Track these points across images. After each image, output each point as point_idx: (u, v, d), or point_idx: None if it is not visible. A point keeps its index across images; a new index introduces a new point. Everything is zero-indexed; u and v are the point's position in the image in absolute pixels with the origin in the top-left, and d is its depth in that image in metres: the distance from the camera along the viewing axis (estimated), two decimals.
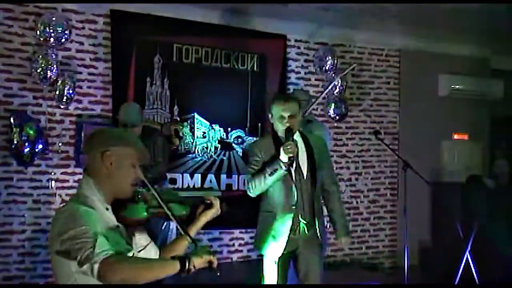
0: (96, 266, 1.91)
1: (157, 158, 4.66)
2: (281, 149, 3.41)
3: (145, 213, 2.28)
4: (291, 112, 3.51)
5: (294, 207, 3.55)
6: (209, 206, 2.52)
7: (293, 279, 3.82)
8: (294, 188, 3.55)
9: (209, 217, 2.51)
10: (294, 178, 3.56)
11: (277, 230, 3.59)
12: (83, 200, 2.14)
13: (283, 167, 3.42)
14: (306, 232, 3.60)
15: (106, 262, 1.92)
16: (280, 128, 3.53)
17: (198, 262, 2.09)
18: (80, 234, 1.97)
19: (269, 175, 3.47)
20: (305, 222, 3.58)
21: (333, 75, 6.36)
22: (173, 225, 4.39)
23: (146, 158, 2.34)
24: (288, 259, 3.65)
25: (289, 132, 3.45)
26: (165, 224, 4.67)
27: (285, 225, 3.56)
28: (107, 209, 2.19)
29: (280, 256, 3.58)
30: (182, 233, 2.37)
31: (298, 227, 3.57)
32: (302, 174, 3.58)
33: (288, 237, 3.55)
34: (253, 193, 3.68)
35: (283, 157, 3.40)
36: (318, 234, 3.62)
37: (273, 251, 3.60)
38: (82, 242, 1.96)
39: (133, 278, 1.96)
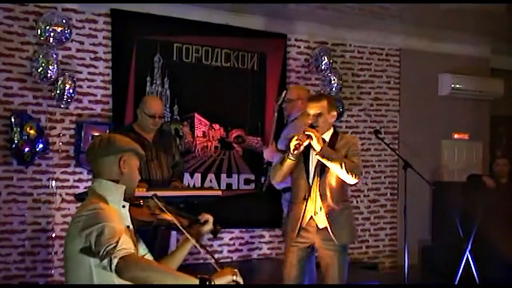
0: (115, 260, 2.07)
1: (177, 157, 4.67)
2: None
3: (148, 217, 2.48)
4: (316, 110, 3.73)
5: (304, 199, 3.72)
6: (202, 224, 2.66)
7: (313, 272, 4.03)
8: (305, 182, 3.74)
9: (200, 235, 2.66)
10: (307, 172, 3.74)
11: (291, 219, 3.81)
12: (102, 199, 2.32)
13: (291, 157, 3.64)
14: (319, 227, 3.70)
15: (126, 259, 2.08)
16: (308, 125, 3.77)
17: (221, 282, 2.21)
18: (105, 230, 2.14)
19: (280, 163, 3.75)
20: (315, 216, 3.71)
21: (329, 74, 6.37)
22: (172, 234, 4.40)
23: (143, 159, 2.59)
24: (307, 252, 3.80)
25: (310, 127, 3.67)
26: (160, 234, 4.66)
27: (296, 216, 3.76)
28: (123, 206, 2.38)
29: (299, 247, 3.76)
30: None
31: (310, 220, 3.73)
32: (315, 170, 3.72)
33: (299, 229, 3.72)
34: (272, 180, 4.03)
35: (291, 147, 3.62)
36: (330, 232, 3.66)
37: (288, 239, 3.82)
38: (106, 237, 2.12)
39: (144, 280, 2.09)
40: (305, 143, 3.60)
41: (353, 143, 3.82)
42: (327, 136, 3.80)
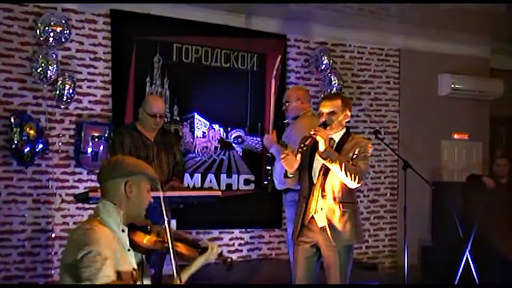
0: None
1: (178, 157, 4.67)
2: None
3: (153, 244, 2.43)
4: (329, 109, 3.74)
5: (305, 198, 3.76)
6: (205, 250, 2.61)
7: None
8: (308, 181, 3.77)
9: (203, 261, 2.59)
10: (311, 171, 3.76)
11: (295, 218, 3.86)
12: (100, 221, 2.33)
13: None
14: (320, 225, 3.71)
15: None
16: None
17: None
18: (92, 254, 2.15)
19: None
20: (316, 215, 3.72)
21: (329, 74, 6.37)
22: (172, 223, 4.39)
23: (156, 182, 2.54)
24: (313, 251, 3.79)
25: (322, 126, 3.70)
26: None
27: (298, 215, 3.81)
28: (123, 230, 2.37)
29: (303, 246, 3.78)
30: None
31: (312, 219, 3.74)
32: (320, 169, 3.73)
33: (301, 227, 3.76)
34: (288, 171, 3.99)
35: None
36: (328, 232, 3.66)
37: (293, 236, 3.86)
38: (92, 262, 2.13)
39: None
40: (306, 142, 3.60)
41: (362, 146, 3.77)
42: (338, 135, 3.78)
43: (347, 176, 3.60)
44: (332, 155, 3.62)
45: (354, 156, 3.72)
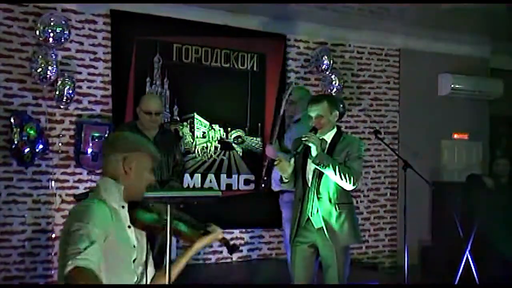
0: (69, 268, 1.99)
1: (177, 157, 4.67)
2: None
3: (153, 220, 2.40)
4: (317, 112, 3.76)
5: (299, 200, 3.78)
6: (208, 233, 2.56)
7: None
8: (302, 183, 3.80)
9: (204, 244, 2.55)
10: (304, 173, 3.78)
11: (291, 219, 3.89)
12: (99, 197, 2.28)
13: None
14: (316, 226, 3.72)
15: (80, 270, 1.99)
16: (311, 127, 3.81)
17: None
18: (79, 231, 2.08)
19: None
20: (312, 217, 3.72)
21: (330, 74, 6.37)
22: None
23: (158, 162, 2.50)
24: (310, 251, 3.80)
25: (313, 130, 3.73)
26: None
27: (294, 216, 3.83)
28: (123, 207, 2.32)
29: (300, 247, 3.79)
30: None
31: (308, 220, 3.75)
32: (314, 171, 3.74)
33: (297, 228, 3.77)
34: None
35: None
36: (325, 232, 3.66)
37: (290, 239, 3.88)
38: (77, 238, 2.06)
39: None
40: (298, 149, 3.68)
41: (354, 146, 3.78)
42: (329, 136, 3.81)
43: (342, 179, 3.62)
44: (325, 160, 3.63)
45: (347, 157, 3.73)
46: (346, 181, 3.62)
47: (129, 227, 2.33)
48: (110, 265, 2.17)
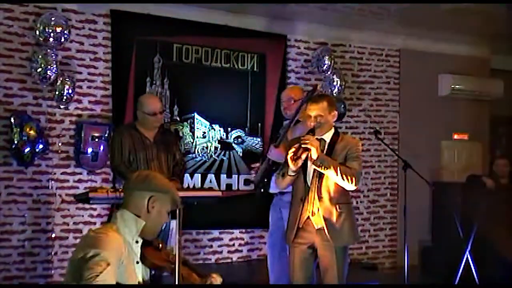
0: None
1: (177, 156, 4.67)
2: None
3: (162, 262, 2.49)
4: (316, 112, 3.74)
5: (301, 201, 3.74)
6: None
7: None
8: (303, 184, 3.76)
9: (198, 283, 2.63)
10: (305, 174, 3.76)
11: (289, 220, 3.84)
12: (115, 228, 2.35)
13: (291, 173, 3.72)
14: (317, 227, 3.71)
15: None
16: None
17: None
18: (97, 258, 2.15)
19: (282, 176, 3.83)
20: (313, 217, 3.71)
21: (332, 75, 6.37)
22: (172, 224, 4.39)
23: (178, 206, 2.59)
24: (309, 252, 3.79)
25: (310, 132, 3.71)
26: (165, 224, 4.67)
27: (293, 217, 3.78)
28: (137, 241, 2.40)
29: (299, 248, 3.77)
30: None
31: (307, 221, 3.73)
32: (313, 171, 3.72)
33: (297, 228, 3.74)
34: (277, 188, 4.11)
35: (289, 161, 3.69)
36: (326, 232, 3.66)
37: (287, 240, 3.84)
38: (95, 264, 2.13)
39: None
40: (303, 156, 3.62)
41: (353, 145, 3.78)
42: (328, 136, 3.81)
43: (343, 179, 3.62)
44: (325, 162, 3.62)
45: (346, 157, 3.72)
46: (348, 182, 3.62)
47: (137, 262, 2.39)
48: None
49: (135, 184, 2.45)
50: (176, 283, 2.45)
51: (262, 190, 4.57)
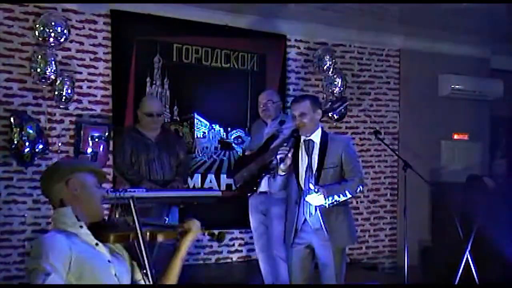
0: None
1: (181, 156, 4.67)
2: None
3: (122, 231, 2.32)
4: (300, 110, 3.74)
5: (296, 203, 3.75)
6: (185, 232, 2.45)
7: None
8: (297, 186, 3.77)
9: (189, 242, 2.44)
10: (298, 176, 3.75)
11: (287, 222, 3.86)
12: (57, 227, 2.27)
13: (281, 173, 3.77)
14: (313, 227, 3.72)
15: None
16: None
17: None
18: (35, 271, 2.06)
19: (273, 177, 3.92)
20: (310, 217, 3.71)
21: (333, 75, 6.37)
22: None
23: (105, 177, 2.49)
24: (307, 252, 3.80)
25: (294, 132, 3.75)
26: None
27: (291, 219, 3.80)
28: (81, 226, 2.27)
29: (297, 248, 3.78)
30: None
31: (305, 221, 3.74)
32: (305, 172, 3.72)
33: (295, 228, 3.74)
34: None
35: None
36: (324, 232, 3.67)
37: (286, 241, 3.86)
38: (34, 277, 2.05)
39: None
40: (290, 154, 3.65)
41: (345, 145, 3.78)
42: (316, 137, 3.78)
43: (356, 193, 3.74)
44: (333, 198, 3.62)
45: (342, 159, 3.72)
46: (358, 191, 3.75)
47: (96, 244, 2.28)
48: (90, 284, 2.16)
49: (46, 181, 2.36)
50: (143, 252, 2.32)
51: (252, 189, 4.59)
